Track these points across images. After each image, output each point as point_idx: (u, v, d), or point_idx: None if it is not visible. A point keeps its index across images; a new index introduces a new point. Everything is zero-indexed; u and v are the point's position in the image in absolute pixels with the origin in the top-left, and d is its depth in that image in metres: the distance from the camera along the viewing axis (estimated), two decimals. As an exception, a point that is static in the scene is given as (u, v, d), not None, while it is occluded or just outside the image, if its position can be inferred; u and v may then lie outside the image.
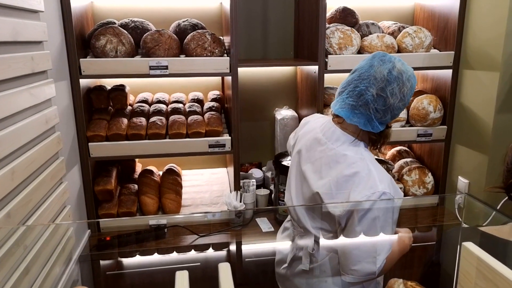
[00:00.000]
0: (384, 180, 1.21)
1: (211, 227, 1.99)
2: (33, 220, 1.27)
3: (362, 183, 1.20)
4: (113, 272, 1.85)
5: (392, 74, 1.21)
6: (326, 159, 1.29)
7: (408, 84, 1.22)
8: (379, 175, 1.22)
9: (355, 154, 1.26)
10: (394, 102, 1.21)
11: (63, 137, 1.60)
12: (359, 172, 1.22)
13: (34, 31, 1.37)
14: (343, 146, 1.28)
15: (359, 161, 1.24)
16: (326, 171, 1.28)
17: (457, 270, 0.87)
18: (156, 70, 1.84)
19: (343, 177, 1.23)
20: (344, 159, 1.25)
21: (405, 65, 1.24)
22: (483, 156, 1.94)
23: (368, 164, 1.23)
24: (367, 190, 1.18)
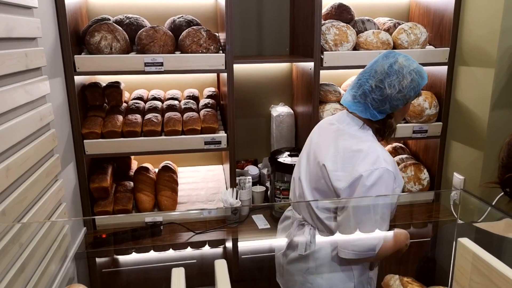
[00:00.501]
0: (389, 161, 1.29)
1: (207, 224, 1.99)
2: (28, 218, 1.26)
3: (367, 159, 1.28)
4: (109, 269, 1.85)
5: (393, 68, 1.31)
6: (336, 136, 1.39)
7: (409, 77, 1.29)
8: (385, 155, 1.30)
9: (364, 135, 1.36)
10: (391, 93, 1.29)
11: (58, 134, 1.59)
12: (365, 149, 1.30)
13: (27, 28, 1.35)
14: (353, 128, 1.38)
15: (367, 141, 1.34)
16: (335, 146, 1.37)
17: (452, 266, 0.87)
18: (151, 66, 1.83)
19: (350, 152, 1.32)
20: (353, 137, 1.35)
21: (409, 61, 1.32)
22: (478, 152, 1.95)
23: (375, 145, 1.32)
24: (370, 165, 1.26)
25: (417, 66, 1.32)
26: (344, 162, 1.31)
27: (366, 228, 1.29)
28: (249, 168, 2.38)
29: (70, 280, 1.54)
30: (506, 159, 1.08)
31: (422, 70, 1.33)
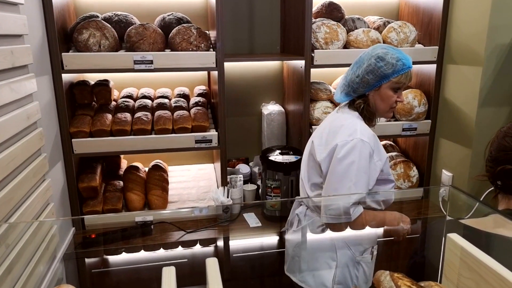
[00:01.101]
0: (364, 132, 1.40)
1: (198, 223, 1.98)
2: (15, 218, 1.24)
3: (345, 131, 1.41)
4: (98, 270, 1.83)
5: (360, 57, 1.45)
6: (329, 119, 1.57)
7: (367, 62, 1.41)
8: (363, 129, 1.41)
9: (350, 115, 1.48)
10: (351, 78, 1.45)
11: (45, 133, 1.57)
12: (345, 124, 1.44)
13: (13, 24, 1.33)
14: (342, 111, 1.53)
15: (349, 118, 1.47)
16: (324, 125, 1.54)
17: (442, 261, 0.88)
18: (141, 64, 1.81)
19: (334, 127, 1.46)
20: (338, 116, 1.51)
21: (375, 49, 1.42)
22: (466, 149, 1.97)
23: (356, 121, 1.44)
24: (346, 136, 1.39)
25: (381, 52, 1.40)
26: (328, 137, 1.46)
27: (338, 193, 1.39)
28: (240, 167, 2.37)
29: (59, 281, 1.52)
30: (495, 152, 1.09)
31: (387, 56, 1.39)
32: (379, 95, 1.45)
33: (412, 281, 0.77)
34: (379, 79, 1.41)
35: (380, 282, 0.80)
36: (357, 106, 1.48)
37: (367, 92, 1.46)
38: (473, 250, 0.79)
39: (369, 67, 1.40)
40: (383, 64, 1.39)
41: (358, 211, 1.39)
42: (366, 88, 1.44)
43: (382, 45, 1.46)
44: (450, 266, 0.84)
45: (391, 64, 1.38)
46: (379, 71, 1.39)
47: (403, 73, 1.41)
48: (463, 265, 0.80)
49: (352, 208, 1.38)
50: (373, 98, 1.47)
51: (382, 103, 1.47)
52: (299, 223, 1.56)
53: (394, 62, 1.39)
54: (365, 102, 1.48)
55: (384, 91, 1.44)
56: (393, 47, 1.45)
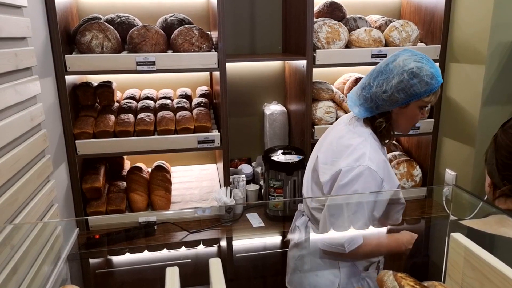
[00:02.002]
0: (374, 159, 1.25)
1: (201, 223, 1.99)
2: (20, 219, 1.25)
3: (352, 154, 1.27)
4: (102, 270, 1.84)
5: (388, 67, 1.27)
6: (338, 131, 1.40)
7: (398, 77, 1.23)
8: (371, 153, 1.26)
9: (360, 132, 1.33)
10: (377, 92, 1.27)
11: (49, 135, 1.58)
12: (353, 145, 1.29)
13: (17, 27, 1.34)
14: (354, 125, 1.37)
15: (359, 137, 1.31)
16: (331, 139, 1.39)
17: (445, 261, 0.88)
18: (143, 66, 1.82)
19: (341, 146, 1.32)
20: (348, 133, 1.35)
21: (408, 61, 1.24)
22: (470, 148, 1.97)
23: (366, 142, 1.29)
24: (353, 161, 1.25)
25: (415, 66, 1.22)
26: (333, 156, 1.32)
27: (337, 223, 1.29)
28: (242, 167, 2.38)
29: (63, 282, 1.53)
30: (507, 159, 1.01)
31: (422, 72, 1.22)
32: (405, 113, 1.30)
33: (415, 281, 0.77)
34: (409, 97, 1.24)
35: (383, 282, 0.80)
36: (377, 124, 1.33)
37: (391, 109, 1.30)
38: (477, 249, 0.79)
39: (401, 84, 1.23)
40: (416, 82, 1.22)
41: (354, 244, 1.27)
42: (393, 105, 1.27)
43: (414, 56, 1.26)
44: (454, 266, 0.84)
45: (425, 82, 1.22)
46: (412, 89, 1.23)
47: (435, 91, 1.25)
48: (467, 265, 0.80)
49: (347, 242, 1.26)
50: (397, 115, 1.32)
51: (405, 121, 1.33)
52: (300, 235, 1.48)
53: (429, 80, 1.22)
54: (388, 120, 1.32)
55: (412, 109, 1.29)
56: (427, 58, 1.27)
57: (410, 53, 1.27)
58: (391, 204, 1.35)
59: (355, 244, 1.27)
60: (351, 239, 1.26)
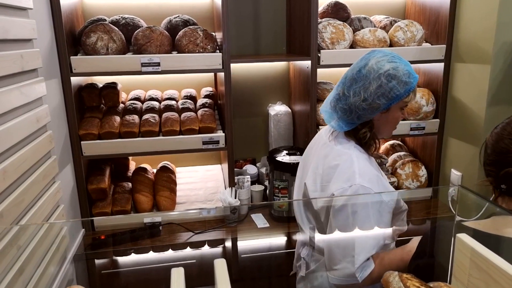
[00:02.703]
0: (365, 175, 1.18)
1: (206, 224, 1.99)
2: (26, 220, 1.26)
3: (341, 175, 1.19)
4: (108, 270, 1.84)
5: (361, 73, 1.18)
6: (320, 151, 1.31)
7: (375, 83, 1.15)
8: (361, 169, 1.18)
9: (343, 147, 1.25)
10: (355, 101, 1.18)
11: (55, 136, 1.59)
12: (340, 164, 1.21)
13: (23, 29, 1.35)
14: (336, 140, 1.29)
15: (344, 154, 1.23)
16: (316, 162, 1.30)
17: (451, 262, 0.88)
18: (148, 67, 1.83)
19: (328, 168, 1.23)
20: (332, 151, 1.26)
21: (381, 63, 1.16)
22: (475, 148, 1.96)
23: (352, 158, 1.21)
24: (344, 182, 1.17)
25: (391, 68, 1.15)
26: (322, 181, 1.24)
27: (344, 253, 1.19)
28: (247, 168, 2.38)
29: (69, 282, 1.53)
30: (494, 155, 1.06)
31: (399, 72, 1.15)
32: (387, 118, 1.23)
33: (421, 282, 0.77)
34: (390, 101, 1.17)
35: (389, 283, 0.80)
36: (361, 136, 1.24)
37: (373, 116, 1.22)
38: (483, 250, 0.78)
39: (380, 89, 1.15)
40: (395, 83, 1.15)
41: (366, 271, 1.17)
42: (375, 112, 1.19)
43: (386, 56, 1.18)
44: (460, 267, 0.84)
45: (403, 82, 1.15)
46: (392, 92, 1.15)
47: (413, 88, 1.19)
48: (473, 266, 0.80)
49: (358, 271, 1.16)
50: (379, 121, 1.24)
51: (387, 125, 1.26)
52: (307, 267, 1.38)
53: (407, 79, 1.16)
54: (371, 129, 1.24)
55: (393, 113, 1.22)
56: (398, 56, 1.20)
57: (380, 53, 1.20)
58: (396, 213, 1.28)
59: (366, 272, 1.17)
60: (362, 268, 1.17)
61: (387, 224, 1.22)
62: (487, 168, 1.08)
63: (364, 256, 1.16)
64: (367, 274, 1.17)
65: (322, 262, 1.30)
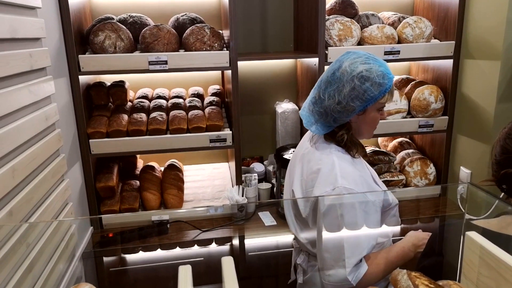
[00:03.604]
0: (347, 176, 1.17)
1: (213, 221, 2.00)
2: (35, 218, 1.27)
3: (323, 179, 1.18)
4: (116, 268, 1.86)
5: (335, 75, 1.18)
6: (304, 157, 1.30)
7: (349, 85, 1.14)
8: (342, 171, 1.17)
9: (324, 152, 1.24)
10: (330, 104, 1.17)
11: (63, 134, 1.60)
12: (321, 169, 1.20)
13: (31, 28, 1.36)
14: (317, 144, 1.28)
15: (325, 158, 1.21)
16: (301, 169, 1.29)
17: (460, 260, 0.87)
18: (156, 65, 1.83)
19: (311, 174, 1.23)
20: (314, 156, 1.25)
21: (355, 65, 1.15)
22: (485, 145, 1.94)
23: (334, 160, 1.20)
24: (327, 186, 1.16)
25: (364, 69, 1.14)
26: (306, 186, 1.24)
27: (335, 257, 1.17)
28: (254, 165, 2.38)
29: (78, 280, 1.55)
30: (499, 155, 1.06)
31: (372, 74, 1.13)
32: (364, 120, 1.22)
33: (430, 280, 0.76)
34: (365, 103, 1.16)
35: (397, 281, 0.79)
36: (339, 138, 1.23)
37: (349, 119, 1.21)
38: (493, 248, 0.77)
39: (354, 92, 1.14)
40: (369, 85, 1.13)
41: (360, 274, 1.16)
42: (350, 115, 1.18)
43: (359, 57, 1.17)
44: (469, 265, 0.83)
45: (377, 84, 1.13)
46: (366, 94, 1.14)
47: (389, 90, 1.16)
48: (483, 264, 0.79)
49: (352, 274, 1.15)
50: (356, 123, 1.23)
51: (366, 127, 1.24)
52: (304, 273, 1.37)
53: (381, 80, 1.14)
54: (348, 131, 1.23)
55: (370, 114, 1.20)
56: (373, 57, 1.18)
57: (354, 55, 1.18)
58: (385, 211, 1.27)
59: (360, 274, 1.16)
60: (355, 270, 1.16)
61: (376, 224, 1.21)
62: (492, 167, 1.08)
63: (355, 258, 1.15)
64: (361, 276, 1.16)
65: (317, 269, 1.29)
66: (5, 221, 1.08)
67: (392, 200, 1.29)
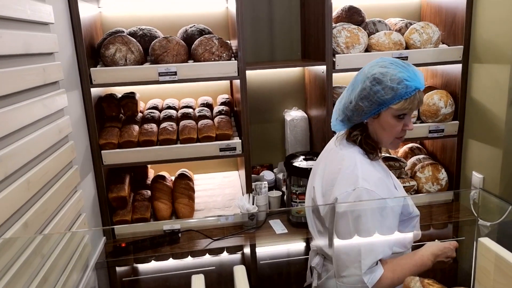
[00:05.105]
0: (368, 178, 1.17)
1: (224, 230, 2.00)
2: (49, 229, 1.29)
3: (344, 179, 1.19)
4: (129, 278, 1.87)
5: (357, 77, 1.22)
6: (328, 156, 1.33)
7: (361, 85, 1.17)
8: (364, 173, 1.18)
9: (347, 152, 1.26)
10: (345, 103, 1.23)
11: (76, 146, 1.63)
12: (342, 169, 1.21)
13: (45, 43, 1.39)
14: (341, 145, 1.30)
15: (348, 158, 1.23)
16: (324, 168, 1.31)
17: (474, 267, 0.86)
18: (165, 76, 1.86)
19: (332, 173, 1.24)
20: (337, 156, 1.27)
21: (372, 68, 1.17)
22: (497, 150, 1.92)
23: (356, 162, 1.21)
24: (348, 186, 1.17)
25: (378, 72, 1.14)
26: (327, 185, 1.25)
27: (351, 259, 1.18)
28: (264, 173, 2.38)
29: (92, 289, 1.56)
30: None
31: (386, 77, 1.13)
32: (379, 124, 1.20)
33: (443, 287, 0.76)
34: (376, 106, 1.16)
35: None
36: (353, 138, 1.25)
37: (364, 121, 1.23)
38: (508, 255, 0.76)
39: (364, 92, 1.16)
40: (380, 88, 1.13)
41: (376, 276, 1.15)
42: (362, 116, 1.20)
43: (382, 62, 1.17)
44: (483, 272, 0.82)
45: (390, 88, 1.12)
46: (375, 96, 1.14)
47: (407, 97, 1.13)
48: (498, 271, 0.78)
49: (367, 276, 1.15)
50: (373, 126, 1.23)
51: (384, 133, 1.22)
52: (319, 277, 1.37)
53: (395, 85, 1.12)
54: (362, 133, 1.24)
55: (385, 119, 1.18)
56: (398, 62, 1.17)
57: (380, 60, 1.20)
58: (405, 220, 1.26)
59: (376, 278, 1.15)
60: (370, 273, 1.15)
61: (393, 229, 1.20)
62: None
63: (370, 260, 1.15)
64: (377, 279, 1.15)
65: (333, 272, 1.28)
66: (20, 233, 1.10)
67: (412, 209, 1.28)
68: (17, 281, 1.04)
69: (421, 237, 1.35)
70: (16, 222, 1.11)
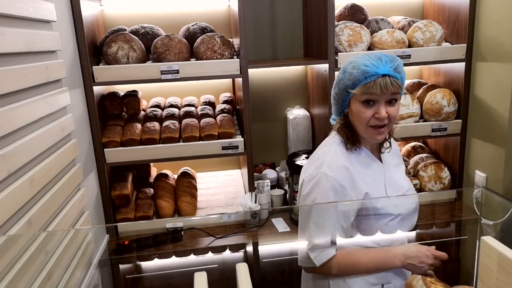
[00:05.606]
0: (333, 166, 1.21)
1: (227, 228, 2.00)
2: (53, 227, 1.30)
3: (313, 164, 1.26)
4: (132, 275, 1.88)
5: None
6: None
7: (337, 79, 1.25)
8: (332, 160, 1.22)
9: (329, 139, 1.33)
10: None
11: (79, 144, 1.63)
12: (317, 154, 1.29)
13: (47, 41, 1.39)
14: (330, 135, 1.36)
15: (325, 145, 1.31)
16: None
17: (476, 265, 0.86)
18: (168, 74, 1.86)
19: (311, 158, 1.32)
20: (323, 142, 1.35)
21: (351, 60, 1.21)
22: (500, 148, 1.91)
23: (331, 149, 1.26)
24: (313, 169, 1.24)
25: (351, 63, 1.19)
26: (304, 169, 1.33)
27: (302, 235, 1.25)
28: (267, 172, 2.38)
29: (95, 287, 1.57)
30: None
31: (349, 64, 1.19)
32: (351, 113, 1.24)
33: (445, 285, 0.76)
34: (344, 94, 1.22)
35: (412, 286, 0.79)
36: (335, 128, 1.31)
37: (345, 111, 1.27)
38: (511, 254, 0.76)
39: (335, 81, 1.26)
40: (343, 76, 1.21)
41: (324, 256, 1.20)
42: (340, 105, 1.26)
43: (363, 56, 1.21)
44: (486, 271, 0.82)
45: (349, 73, 1.18)
46: (340, 84, 1.22)
47: (365, 83, 1.15)
48: (501, 270, 0.78)
49: (315, 253, 1.20)
50: (350, 117, 1.26)
51: (356, 122, 1.24)
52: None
53: (354, 71, 1.17)
54: (342, 121, 1.29)
55: (354, 107, 1.22)
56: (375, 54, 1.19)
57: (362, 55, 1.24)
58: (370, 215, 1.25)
59: (324, 257, 1.20)
60: (320, 251, 1.20)
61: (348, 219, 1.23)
62: None
63: (319, 240, 1.20)
64: (325, 260, 1.19)
65: None
66: (24, 230, 1.11)
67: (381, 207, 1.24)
68: (21, 278, 1.05)
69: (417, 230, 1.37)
70: (20, 220, 1.11)
